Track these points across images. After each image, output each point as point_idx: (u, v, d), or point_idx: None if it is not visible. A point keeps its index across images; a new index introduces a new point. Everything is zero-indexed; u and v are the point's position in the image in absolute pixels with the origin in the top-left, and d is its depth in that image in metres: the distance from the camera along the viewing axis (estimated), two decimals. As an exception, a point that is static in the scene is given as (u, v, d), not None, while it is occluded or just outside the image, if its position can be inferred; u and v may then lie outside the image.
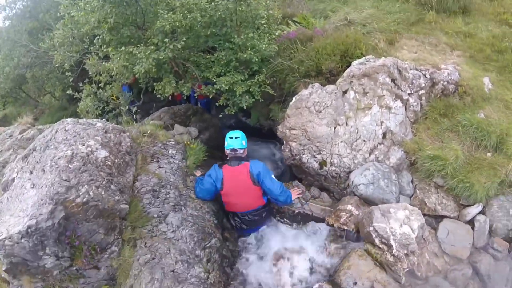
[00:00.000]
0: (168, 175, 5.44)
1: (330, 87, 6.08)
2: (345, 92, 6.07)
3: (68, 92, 7.31)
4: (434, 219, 5.53)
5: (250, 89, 7.00)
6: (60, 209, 3.80)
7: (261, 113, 7.83)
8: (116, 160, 4.73)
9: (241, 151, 5.15)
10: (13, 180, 4.63)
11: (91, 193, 4.02)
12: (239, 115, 9.29)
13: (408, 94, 6.20)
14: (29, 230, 3.63)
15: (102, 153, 4.55)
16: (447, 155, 5.53)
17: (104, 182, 4.27)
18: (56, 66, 8.27)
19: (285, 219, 5.91)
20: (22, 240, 3.63)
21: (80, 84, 7.30)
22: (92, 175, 4.21)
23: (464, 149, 5.74)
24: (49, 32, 9.40)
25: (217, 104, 7.25)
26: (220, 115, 7.43)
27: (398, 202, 5.53)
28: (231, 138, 5.17)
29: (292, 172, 6.79)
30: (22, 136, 6.91)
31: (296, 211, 5.85)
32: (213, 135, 7.65)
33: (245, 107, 7.01)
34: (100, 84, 7.26)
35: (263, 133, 8.60)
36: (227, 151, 5.20)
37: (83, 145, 4.48)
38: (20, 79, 11.23)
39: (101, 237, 4.11)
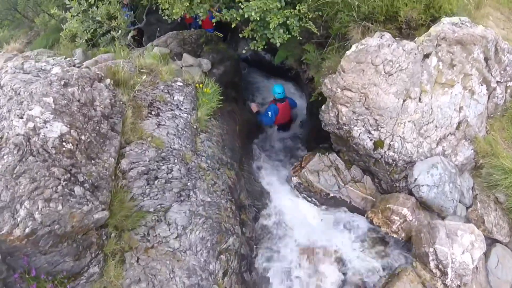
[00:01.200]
0: (172, 138, 3.34)
1: (409, 45, 3.87)
2: (426, 56, 3.92)
3: (53, 12, 4.63)
4: (486, 241, 3.99)
5: (287, 22, 4.61)
6: (-8, 251, 1.73)
7: (291, 53, 5.47)
8: (82, 137, 2.44)
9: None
10: None
11: (37, 215, 1.95)
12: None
13: (497, 81, 4.20)
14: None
15: (56, 129, 2.26)
16: (520, 170, 3.86)
17: (59, 188, 2.13)
18: None
19: (313, 199, 4.17)
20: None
21: (67, 2, 4.57)
22: (37, 178, 2.05)
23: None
24: None
25: (240, 35, 4.79)
26: (244, 51, 5.06)
27: (455, 212, 3.94)
28: (280, 93, 5.46)
29: (317, 126, 4.79)
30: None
31: (331, 194, 4.09)
32: (229, 70, 5.26)
33: (278, 44, 4.70)
34: (90, 0, 4.60)
35: (286, 75, 6.32)
36: (276, 97, 5.46)
37: (21, 117, 2.16)
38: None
39: (70, 264, 2.17)
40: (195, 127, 3.73)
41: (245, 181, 4.23)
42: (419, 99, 3.92)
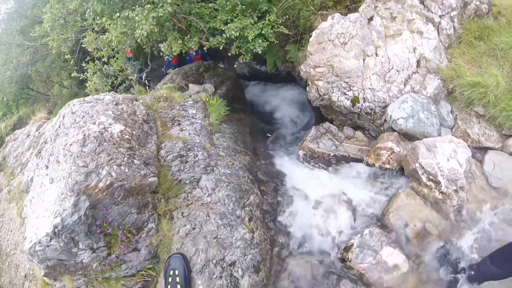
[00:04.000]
0: (193, 136, 4.71)
1: (353, 15, 5.08)
2: (370, 19, 5.08)
3: (73, 75, 6.42)
4: (478, 151, 4.79)
5: (262, 32, 6.06)
6: (84, 199, 3.13)
7: (277, 57, 6.84)
8: (134, 132, 3.98)
9: None
10: (31, 179, 3.92)
11: (113, 173, 3.32)
12: (253, 63, 8.25)
13: (440, 16, 5.18)
14: (55, 229, 3.02)
15: (117, 128, 3.80)
16: (487, 81, 4.66)
17: (125, 159, 3.54)
18: (54, 53, 7.31)
19: (320, 164, 5.23)
20: (52, 242, 3.04)
21: (84, 65, 6.41)
22: (111, 153, 3.48)
23: (504, 75, 4.83)
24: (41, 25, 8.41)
25: (229, 54, 6.30)
26: (235, 66, 6.51)
27: (439, 135, 4.79)
28: None
29: (319, 113, 5.95)
30: (39, 133, 6.09)
31: (332, 154, 5.15)
32: (231, 88, 6.76)
33: (260, 52, 6.09)
34: (103, 59, 6.39)
35: (282, 78, 7.70)
36: None
37: (94, 123, 3.71)
38: (24, 79, 10.54)
39: (134, 217, 3.48)
40: (209, 129, 5.11)
41: (260, 165, 5.43)
42: (376, 54, 5.01)
